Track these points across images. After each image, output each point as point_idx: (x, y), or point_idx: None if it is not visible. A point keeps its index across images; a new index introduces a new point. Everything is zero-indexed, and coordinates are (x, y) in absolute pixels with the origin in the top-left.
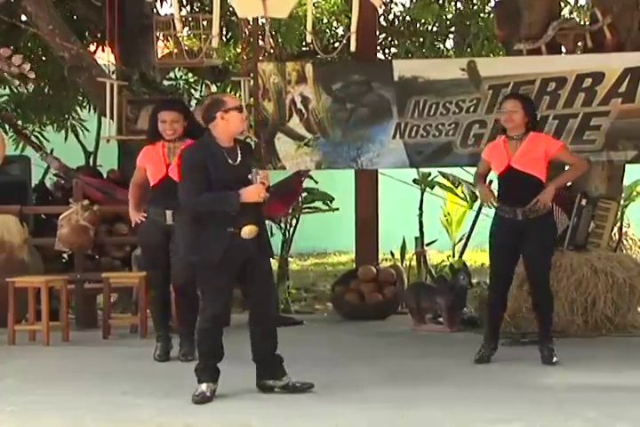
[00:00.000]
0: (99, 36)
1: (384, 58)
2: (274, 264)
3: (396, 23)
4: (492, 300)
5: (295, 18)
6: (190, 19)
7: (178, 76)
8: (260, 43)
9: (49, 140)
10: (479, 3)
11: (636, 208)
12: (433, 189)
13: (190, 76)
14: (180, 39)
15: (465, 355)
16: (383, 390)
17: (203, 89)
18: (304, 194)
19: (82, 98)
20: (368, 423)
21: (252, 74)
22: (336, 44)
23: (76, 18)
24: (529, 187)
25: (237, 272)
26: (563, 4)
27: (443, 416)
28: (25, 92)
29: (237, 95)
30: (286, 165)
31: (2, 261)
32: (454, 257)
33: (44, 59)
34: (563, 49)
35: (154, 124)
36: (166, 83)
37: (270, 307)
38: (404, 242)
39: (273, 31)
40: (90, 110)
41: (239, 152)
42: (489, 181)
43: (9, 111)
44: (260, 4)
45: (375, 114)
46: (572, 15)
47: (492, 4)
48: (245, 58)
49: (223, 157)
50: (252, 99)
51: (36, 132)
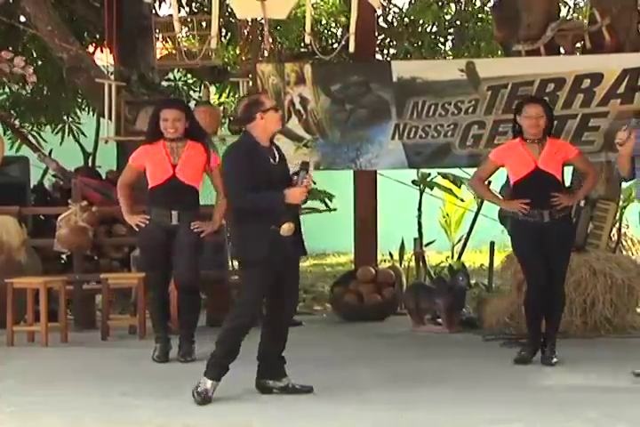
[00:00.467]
0: (97, 36)
1: (383, 59)
2: None
3: (395, 24)
4: (537, 302)
5: (294, 19)
6: (189, 19)
7: (177, 77)
8: (259, 44)
9: (46, 141)
10: (478, 4)
11: (634, 209)
12: (432, 190)
13: (189, 77)
14: (179, 40)
15: (464, 356)
16: (383, 391)
17: (201, 90)
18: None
19: (80, 99)
20: (369, 425)
21: (250, 75)
22: (335, 44)
23: (74, 19)
24: (554, 189)
25: (279, 270)
26: (562, 5)
27: (443, 418)
28: (23, 92)
29: (236, 96)
30: None
31: (1, 262)
32: (453, 258)
33: (42, 59)
34: (561, 50)
35: (154, 124)
36: (165, 84)
37: (291, 309)
38: (402, 243)
39: (272, 32)
40: (89, 111)
41: (276, 151)
42: (487, 182)
43: (6, 111)
44: (259, 5)
45: (374, 115)
46: (570, 16)
47: (491, 5)
48: (244, 59)
49: (266, 156)
50: None
51: (34, 131)
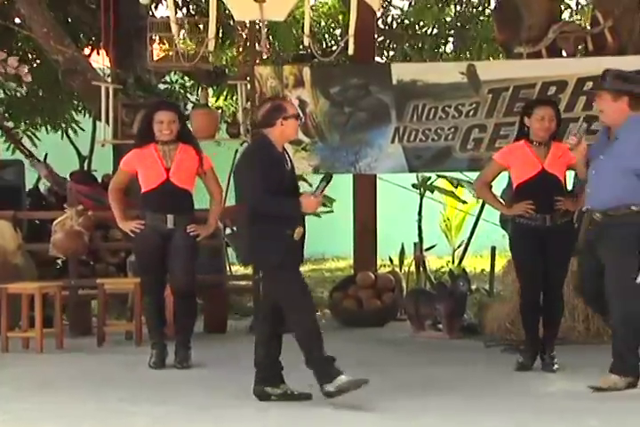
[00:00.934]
0: (93, 38)
1: (382, 61)
2: None
3: (395, 26)
4: (533, 306)
5: (292, 21)
6: (186, 21)
7: (173, 80)
8: (257, 46)
9: (41, 141)
10: (479, 6)
11: None
12: (432, 194)
13: (186, 79)
14: (176, 42)
15: (465, 362)
16: (383, 398)
17: (199, 93)
18: None
19: (76, 101)
20: None
21: (248, 77)
22: (334, 47)
23: (70, 20)
24: (558, 193)
25: None
26: (563, 6)
27: (445, 426)
28: (18, 94)
29: (234, 99)
30: None
31: None
32: (454, 263)
33: (37, 62)
34: (563, 52)
35: (147, 126)
36: (162, 86)
37: None
38: (402, 248)
39: (270, 34)
40: (84, 114)
41: (287, 156)
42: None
43: (1, 114)
44: (257, 6)
45: (373, 118)
46: (572, 18)
47: (492, 6)
48: (242, 61)
49: (281, 161)
50: (248, 103)
51: (30, 133)
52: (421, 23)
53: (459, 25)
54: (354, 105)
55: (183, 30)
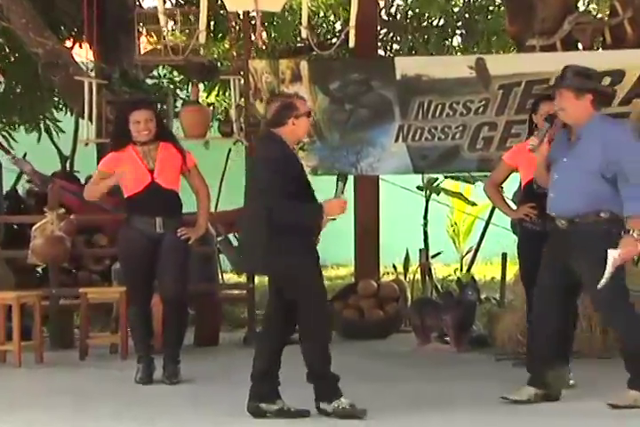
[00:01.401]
0: (76, 30)
1: (385, 55)
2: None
3: (399, 17)
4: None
5: (289, 11)
6: (176, 12)
7: (162, 75)
8: (252, 38)
9: (18, 142)
10: None
11: None
12: (439, 195)
13: (175, 74)
14: (165, 34)
15: (474, 377)
16: (386, 414)
17: (189, 88)
18: None
19: (57, 98)
20: None
21: (242, 72)
22: (334, 39)
23: (51, 11)
24: None
25: None
26: None
27: None
28: None
29: (227, 95)
30: None
31: None
32: (462, 270)
33: (16, 55)
34: (579, 45)
35: (123, 127)
36: (149, 82)
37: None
38: (407, 254)
39: (265, 26)
40: (66, 111)
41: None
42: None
43: None
44: None
45: (376, 115)
46: (589, 8)
47: None
48: (235, 55)
49: (297, 160)
50: (242, 99)
51: (5, 132)
52: (427, 14)
53: (467, 16)
54: (355, 102)
55: (172, 22)
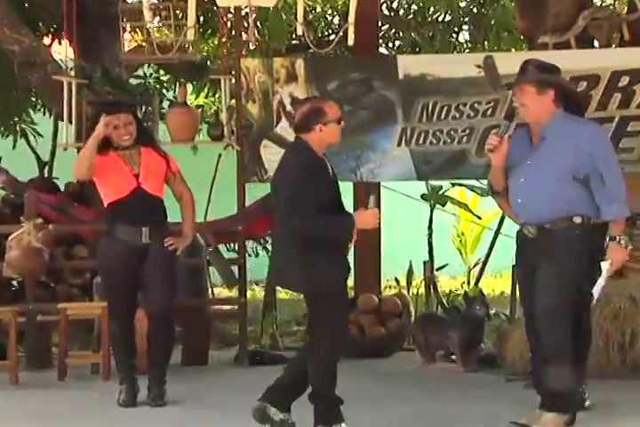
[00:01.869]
0: (55, 26)
1: (387, 53)
2: (259, 292)
3: (402, 12)
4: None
5: (284, 6)
6: (162, 7)
7: (147, 74)
8: (244, 35)
9: None
10: None
11: None
12: (444, 206)
13: (162, 73)
14: (150, 31)
15: (483, 399)
16: None
17: (176, 89)
18: None
19: (34, 99)
20: None
21: (233, 71)
22: (331, 36)
23: (28, 6)
24: None
25: None
26: None
27: None
28: None
29: (217, 96)
30: None
31: None
32: (469, 284)
33: None
34: (595, 42)
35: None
36: (134, 81)
37: None
38: (410, 267)
39: (258, 22)
40: (44, 113)
41: (329, 164)
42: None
43: None
44: None
45: (377, 118)
46: (606, 3)
47: None
48: (226, 53)
49: (326, 169)
50: (233, 100)
51: None
52: (432, 9)
53: (475, 11)
54: (354, 103)
55: (158, 17)
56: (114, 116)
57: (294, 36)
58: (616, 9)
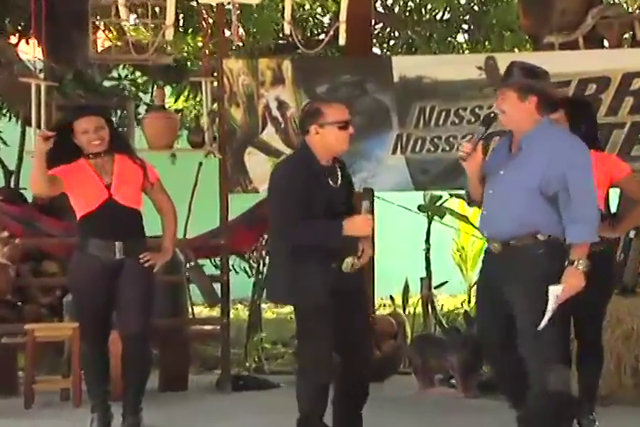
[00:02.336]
0: (22, 24)
1: (381, 53)
2: (243, 311)
3: (397, 10)
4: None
5: (270, 4)
6: (138, 3)
7: (122, 76)
8: (227, 34)
9: None
10: None
11: None
12: (443, 218)
13: (138, 75)
14: (126, 29)
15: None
16: None
17: (154, 92)
18: None
19: (0, 102)
20: None
21: (215, 73)
22: (321, 35)
23: None
24: None
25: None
26: None
27: None
28: None
29: (197, 100)
30: (259, 188)
31: None
32: (470, 303)
33: None
34: (605, 42)
35: (69, 138)
36: (107, 84)
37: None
38: (406, 284)
39: (242, 20)
40: (10, 117)
41: (339, 173)
42: None
43: None
44: None
45: (370, 123)
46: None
47: None
48: (208, 53)
49: (323, 177)
50: (215, 104)
51: None
52: (429, 6)
53: (475, 8)
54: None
55: (134, 15)
56: (83, 120)
57: (281, 36)
58: (628, 6)
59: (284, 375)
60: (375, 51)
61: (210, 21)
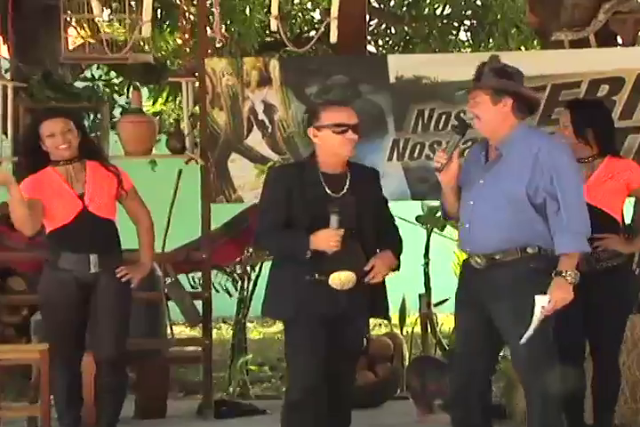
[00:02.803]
0: None
1: (376, 52)
2: (226, 331)
3: (393, 4)
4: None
5: None
6: None
7: (96, 76)
8: (209, 32)
9: None
10: None
11: None
12: (443, 230)
13: (113, 75)
14: (100, 26)
15: None
16: None
17: (130, 93)
18: None
19: None
20: None
21: (197, 73)
22: (311, 32)
23: None
24: (601, 229)
25: (328, 334)
26: None
27: None
28: None
29: (177, 102)
30: (244, 197)
31: None
32: None
33: None
34: (618, 39)
35: (35, 144)
36: (80, 85)
37: (349, 380)
38: (403, 301)
39: (225, 15)
40: None
41: (348, 181)
42: None
43: None
44: None
45: (365, 128)
46: None
47: None
48: (188, 52)
49: (320, 185)
50: (197, 107)
51: None
52: (428, 0)
53: (478, 3)
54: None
55: (109, 10)
56: (48, 122)
57: (268, 33)
58: None
59: (270, 400)
60: (370, 49)
61: (190, 17)
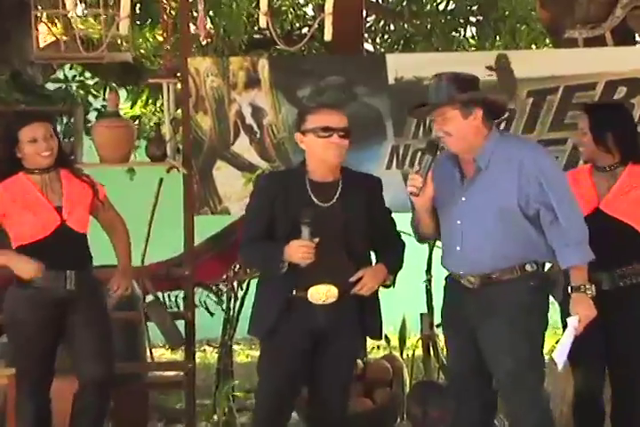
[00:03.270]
0: None
1: (374, 50)
2: (211, 355)
3: None
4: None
5: None
6: None
7: (69, 77)
8: (192, 28)
9: None
10: None
11: None
12: None
13: (88, 76)
14: (73, 22)
15: None
16: None
17: (106, 95)
18: None
19: None
20: None
21: (179, 74)
22: (304, 29)
23: None
24: (622, 242)
25: (307, 355)
26: None
27: None
28: None
29: (158, 105)
30: (230, 208)
31: None
32: None
33: None
34: (637, 37)
35: (10, 150)
36: (51, 86)
37: (337, 409)
38: (404, 321)
39: (210, 12)
40: None
41: (339, 189)
42: None
43: None
44: None
45: (361, 133)
46: None
47: None
48: (169, 50)
49: (306, 194)
50: (179, 110)
51: None
52: None
53: None
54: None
55: (83, 4)
56: (30, 127)
57: (256, 30)
58: None
59: None
60: (367, 48)
61: (172, 12)
